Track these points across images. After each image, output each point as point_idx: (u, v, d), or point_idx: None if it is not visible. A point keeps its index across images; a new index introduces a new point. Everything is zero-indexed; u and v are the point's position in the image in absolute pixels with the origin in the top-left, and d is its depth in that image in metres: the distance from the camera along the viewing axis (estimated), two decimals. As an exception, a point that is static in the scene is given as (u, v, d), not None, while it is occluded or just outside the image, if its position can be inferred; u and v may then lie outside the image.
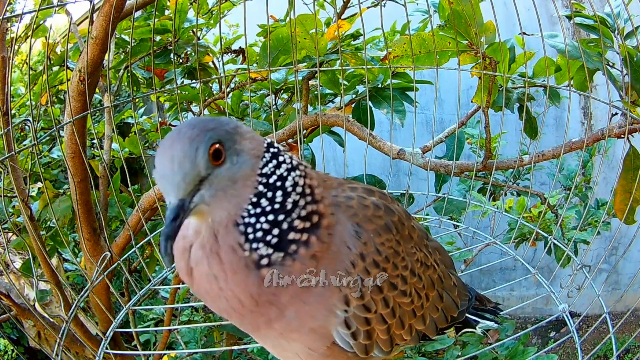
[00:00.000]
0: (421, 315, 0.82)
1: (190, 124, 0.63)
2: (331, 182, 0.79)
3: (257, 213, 0.66)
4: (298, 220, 0.68)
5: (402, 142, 1.52)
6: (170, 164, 0.60)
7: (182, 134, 0.62)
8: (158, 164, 0.61)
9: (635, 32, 1.23)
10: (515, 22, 1.22)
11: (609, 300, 1.04)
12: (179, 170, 0.60)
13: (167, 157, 0.61)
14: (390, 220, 0.78)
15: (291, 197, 0.68)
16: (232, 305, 0.69)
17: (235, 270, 0.66)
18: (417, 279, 0.81)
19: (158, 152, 0.62)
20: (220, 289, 0.68)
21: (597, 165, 2.30)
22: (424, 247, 0.87)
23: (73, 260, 1.58)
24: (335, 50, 1.57)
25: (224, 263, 0.66)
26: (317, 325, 0.72)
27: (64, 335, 1.07)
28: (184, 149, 0.60)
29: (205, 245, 0.67)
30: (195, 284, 0.70)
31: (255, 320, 0.71)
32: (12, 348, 3.15)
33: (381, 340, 0.77)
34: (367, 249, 0.72)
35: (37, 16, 1.51)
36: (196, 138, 0.61)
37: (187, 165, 0.60)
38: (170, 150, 0.61)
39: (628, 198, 1.20)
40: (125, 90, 3.06)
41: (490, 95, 1.38)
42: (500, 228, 1.83)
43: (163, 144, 0.62)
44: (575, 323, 1.02)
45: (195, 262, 0.68)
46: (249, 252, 0.66)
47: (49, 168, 2.34)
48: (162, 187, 0.62)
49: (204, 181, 0.62)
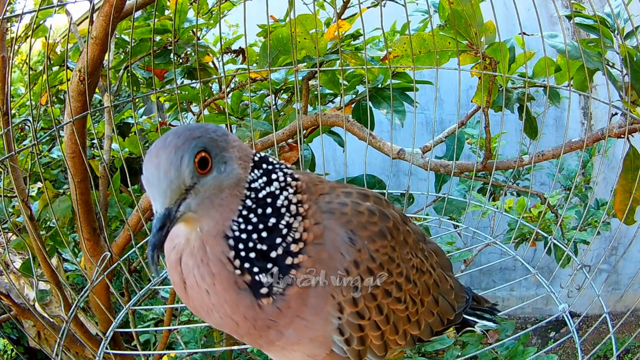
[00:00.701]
0: (416, 321, 0.82)
1: (177, 132, 0.63)
2: (323, 187, 0.78)
3: (248, 230, 0.66)
4: (294, 244, 0.67)
5: (402, 142, 1.52)
6: (156, 172, 0.60)
7: (167, 142, 0.61)
8: (145, 171, 0.61)
9: (635, 32, 1.23)
10: (515, 22, 1.22)
11: (609, 300, 1.04)
12: (164, 179, 0.60)
13: (154, 164, 0.61)
14: (385, 226, 0.77)
15: (284, 219, 0.67)
16: (226, 323, 0.69)
17: (225, 287, 0.65)
18: (412, 285, 0.80)
19: (146, 159, 0.62)
20: (212, 304, 0.67)
21: (597, 165, 2.30)
22: (420, 251, 0.86)
23: (73, 260, 1.58)
24: (335, 50, 1.57)
25: (214, 275, 0.65)
26: (315, 335, 0.72)
27: (64, 335, 1.07)
28: (170, 157, 0.60)
29: (195, 255, 0.66)
30: (188, 297, 0.69)
31: (255, 340, 0.71)
32: (12, 348, 3.15)
33: (375, 345, 0.77)
34: (361, 256, 0.72)
35: (37, 16, 1.51)
36: (182, 146, 0.61)
37: (172, 174, 0.60)
38: (156, 158, 0.61)
39: (628, 198, 1.20)
40: (125, 90, 3.06)
41: (490, 95, 1.38)
42: (500, 228, 1.83)
43: (150, 151, 0.62)
44: (575, 323, 1.02)
45: (186, 273, 0.68)
46: (240, 270, 0.65)
47: (49, 168, 2.34)
48: (149, 194, 0.62)
49: (190, 190, 0.62)
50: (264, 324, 0.68)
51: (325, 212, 0.72)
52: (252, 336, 0.70)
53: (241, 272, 0.65)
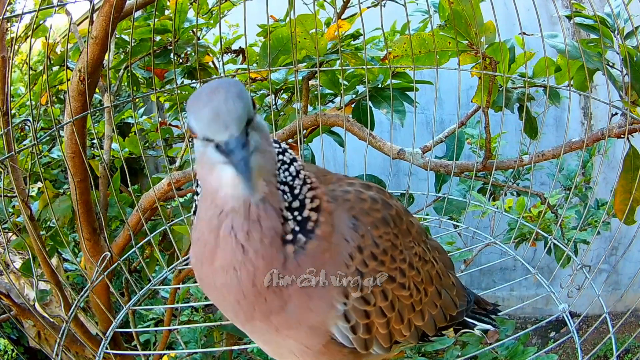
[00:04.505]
0: (420, 310, 0.83)
1: (219, 80, 0.67)
2: (330, 178, 0.80)
3: (283, 190, 0.68)
4: (308, 200, 0.69)
5: (402, 142, 1.52)
6: (224, 102, 0.59)
7: (221, 82, 0.62)
8: (205, 108, 0.60)
9: (635, 32, 1.23)
10: (515, 22, 1.22)
11: (609, 300, 1.04)
12: (236, 104, 0.59)
13: (220, 96, 0.60)
14: (388, 214, 0.78)
15: (297, 180, 0.70)
16: (244, 284, 0.68)
17: (271, 243, 0.66)
18: (416, 273, 0.81)
19: (198, 102, 0.61)
20: (242, 261, 0.66)
21: (597, 165, 2.30)
22: (423, 242, 0.87)
23: (73, 260, 1.58)
24: (335, 50, 1.57)
25: (263, 232, 0.66)
26: (315, 322, 0.71)
27: (64, 335, 1.07)
28: (235, 89, 0.61)
29: (250, 214, 0.66)
30: (215, 258, 0.68)
31: (253, 310, 0.70)
32: (12, 348, 3.15)
33: (380, 335, 0.77)
34: (364, 242, 0.73)
35: (37, 16, 1.51)
36: (234, 83, 0.63)
37: (242, 101, 0.60)
38: (218, 93, 0.60)
39: (628, 198, 1.20)
40: (125, 90, 3.06)
41: (490, 95, 1.38)
42: (500, 228, 1.83)
43: (200, 94, 0.61)
44: (575, 323, 1.02)
45: (227, 232, 0.66)
46: (283, 232, 0.67)
47: (49, 168, 2.34)
48: (215, 126, 0.60)
49: (250, 123, 0.62)
50: (284, 274, 0.67)
51: (329, 198, 0.74)
52: (256, 302, 0.68)
53: (284, 234, 0.67)
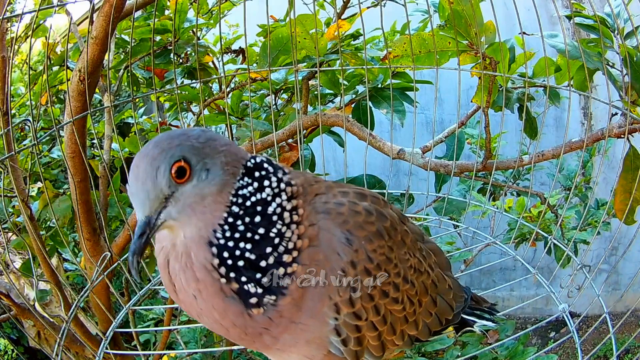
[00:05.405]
0: (413, 321, 0.82)
1: (157, 142, 0.64)
2: (319, 186, 0.77)
3: (234, 237, 0.65)
4: (286, 254, 0.66)
5: (402, 142, 1.52)
6: (135, 182, 0.63)
7: (147, 152, 0.63)
8: (129, 180, 0.64)
9: (635, 32, 1.23)
10: (515, 22, 1.22)
11: (609, 301, 1.04)
12: (142, 189, 0.62)
13: (134, 175, 0.63)
14: (383, 226, 0.76)
15: (276, 227, 0.66)
16: (216, 328, 0.69)
17: (211, 294, 0.65)
18: (410, 286, 0.79)
19: (130, 169, 0.64)
20: (201, 309, 0.67)
21: (597, 165, 2.30)
22: (418, 251, 0.85)
23: (73, 260, 1.58)
24: (335, 50, 1.57)
25: (199, 281, 0.65)
26: (312, 337, 0.71)
27: (64, 335, 1.07)
28: (146, 168, 0.62)
29: (180, 260, 0.67)
30: (179, 299, 0.70)
31: (249, 345, 0.71)
32: (12, 348, 3.15)
33: (372, 346, 0.76)
34: (358, 257, 0.71)
35: (37, 16, 1.51)
36: (158, 157, 0.62)
37: (149, 184, 0.62)
38: (136, 168, 0.63)
39: (628, 198, 1.20)
40: (125, 90, 3.06)
41: (490, 95, 1.38)
42: (500, 228, 1.83)
43: (134, 161, 0.64)
44: (575, 323, 1.02)
45: (174, 276, 0.68)
46: (226, 279, 0.65)
47: (49, 168, 2.34)
48: (133, 203, 0.65)
49: (170, 198, 0.63)
50: (255, 331, 0.67)
51: (321, 213, 0.72)
52: (244, 341, 0.70)
53: (227, 281, 0.65)
